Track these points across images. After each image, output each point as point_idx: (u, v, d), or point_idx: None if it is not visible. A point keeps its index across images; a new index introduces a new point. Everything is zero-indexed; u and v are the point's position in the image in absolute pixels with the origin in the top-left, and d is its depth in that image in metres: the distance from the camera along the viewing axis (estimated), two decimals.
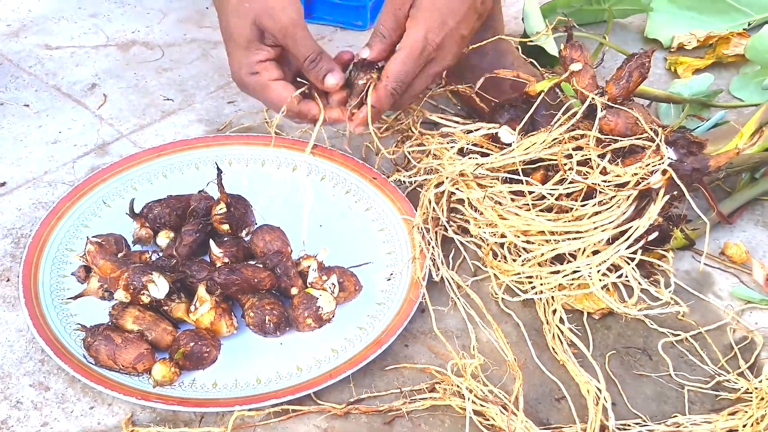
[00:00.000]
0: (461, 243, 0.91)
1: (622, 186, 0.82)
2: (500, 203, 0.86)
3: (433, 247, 0.89)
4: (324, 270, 0.84)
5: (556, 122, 0.87)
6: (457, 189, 0.88)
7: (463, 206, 0.89)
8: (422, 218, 0.90)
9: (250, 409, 0.75)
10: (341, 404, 0.77)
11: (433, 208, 0.90)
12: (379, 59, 0.90)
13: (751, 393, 0.78)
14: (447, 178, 0.89)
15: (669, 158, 0.82)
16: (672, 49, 1.27)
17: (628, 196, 0.82)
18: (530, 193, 0.85)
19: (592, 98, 0.85)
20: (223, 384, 0.78)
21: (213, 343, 0.79)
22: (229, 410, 0.74)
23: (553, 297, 0.85)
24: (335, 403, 0.77)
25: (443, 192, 0.90)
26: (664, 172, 0.81)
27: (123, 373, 0.77)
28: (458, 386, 0.77)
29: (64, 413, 0.76)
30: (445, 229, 0.91)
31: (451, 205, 0.91)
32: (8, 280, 0.88)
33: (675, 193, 0.82)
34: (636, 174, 0.81)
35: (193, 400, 0.75)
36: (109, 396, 0.77)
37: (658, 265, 0.88)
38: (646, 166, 0.81)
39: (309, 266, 0.84)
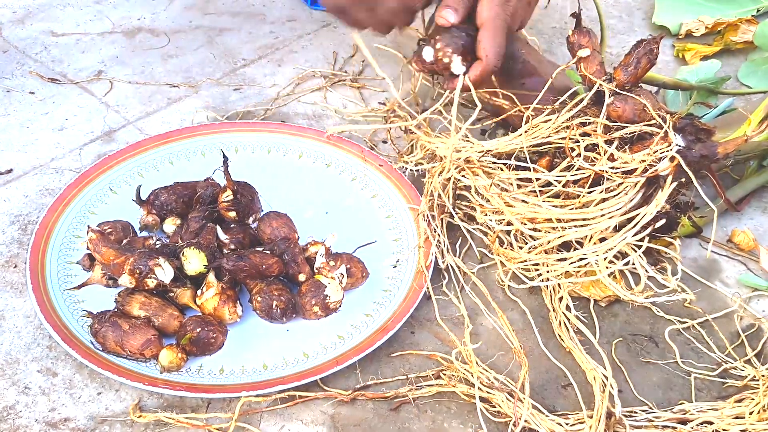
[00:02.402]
0: (467, 230, 0.91)
1: (629, 173, 0.82)
2: (506, 190, 0.86)
3: (438, 234, 0.89)
4: (331, 256, 0.84)
5: (564, 108, 0.86)
6: (462, 176, 0.88)
7: (469, 193, 0.89)
8: (428, 205, 0.90)
9: (257, 396, 0.75)
10: (348, 391, 0.77)
11: (439, 194, 0.90)
12: (461, 23, 0.90)
13: (758, 380, 0.78)
14: (453, 165, 0.88)
15: (677, 145, 0.82)
16: (680, 36, 1.26)
17: (636, 183, 0.81)
18: (537, 179, 0.85)
19: (600, 84, 0.85)
20: (230, 370, 0.78)
21: (220, 329, 0.79)
22: (236, 396, 0.75)
23: (559, 284, 0.85)
24: (342, 389, 0.77)
25: (449, 179, 0.89)
26: (672, 158, 0.81)
27: (130, 359, 0.77)
28: (464, 373, 0.77)
29: (72, 399, 0.76)
30: (451, 216, 0.91)
31: (457, 192, 0.91)
32: (15, 267, 0.88)
33: (683, 180, 0.82)
34: (644, 161, 0.81)
35: (200, 386, 0.75)
36: (116, 382, 0.77)
37: (665, 253, 0.87)
38: (654, 152, 0.81)
39: (317, 252, 0.84)
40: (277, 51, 1.21)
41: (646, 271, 0.82)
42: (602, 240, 0.82)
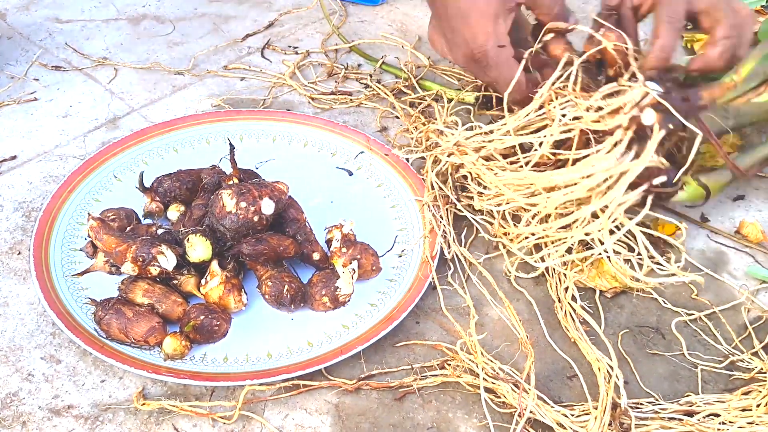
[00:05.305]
0: (473, 220, 0.90)
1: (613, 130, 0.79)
2: (493, 158, 0.85)
3: (444, 225, 0.88)
4: (347, 243, 0.83)
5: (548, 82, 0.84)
6: (453, 158, 0.87)
7: (467, 182, 0.89)
8: (431, 196, 0.90)
9: (261, 384, 0.75)
10: (352, 380, 0.77)
11: (439, 186, 0.90)
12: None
13: (765, 373, 0.77)
14: (445, 152, 0.88)
15: (654, 90, 0.79)
16: (688, 26, 1.25)
17: (623, 137, 0.78)
18: (522, 148, 0.84)
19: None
20: (234, 358, 0.77)
21: (224, 316, 0.79)
22: (240, 384, 0.74)
23: (565, 274, 0.84)
24: (346, 378, 0.77)
25: (447, 169, 0.89)
26: (653, 103, 0.78)
27: (134, 346, 0.77)
28: (469, 363, 0.76)
29: (75, 386, 0.76)
30: (456, 207, 0.91)
31: (460, 183, 0.91)
32: (19, 254, 0.88)
33: (670, 126, 0.78)
34: (621, 108, 0.78)
35: (204, 374, 0.75)
36: (120, 369, 0.77)
37: (670, 244, 0.86)
38: (630, 100, 0.78)
39: (333, 237, 0.84)
40: (282, 39, 1.21)
41: (647, 249, 0.79)
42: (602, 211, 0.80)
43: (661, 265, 0.84)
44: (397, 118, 1.05)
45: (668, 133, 0.78)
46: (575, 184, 0.80)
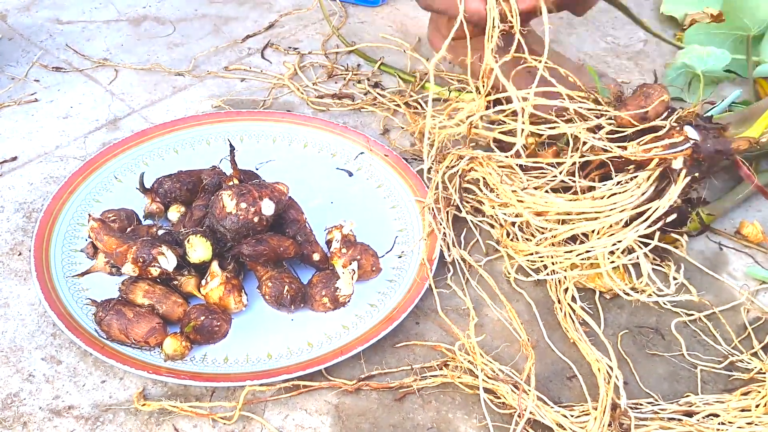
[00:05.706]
0: (473, 223, 0.90)
1: (643, 164, 0.81)
2: (516, 177, 0.85)
3: (444, 227, 0.88)
4: (347, 244, 0.84)
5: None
6: (472, 168, 0.87)
7: (477, 186, 0.89)
8: (433, 198, 0.90)
9: (261, 384, 0.75)
10: (352, 380, 0.77)
11: (445, 187, 0.90)
12: None
13: (765, 373, 0.77)
14: (457, 157, 0.88)
15: (692, 139, 0.81)
16: (685, 27, 1.25)
17: (649, 177, 0.80)
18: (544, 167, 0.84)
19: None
20: (234, 359, 0.78)
21: (224, 317, 0.79)
22: (240, 385, 0.75)
23: (565, 276, 0.84)
24: (346, 379, 0.77)
25: (456, 172, 0.89)
26: (689, 152, 0.80)
27: (135, 347, 0.77)
28: (468, 365, 0.77)
29: (76, 387, 0.76)
30: (457, 209, 0.91)
31: (464, 185, 0.91)
32: (20, 254, 0.88)
33: (696, 174, 0.81)
34: (658, 155, 0.80)
35: (205, 375, 0.75)
36: (120, 370, 0.77)
37: (671, 251, 0.86)
38: (670, 145, 0.80)
39: (333, 238, 0.84)
40: (283, 40, 1.21)
41: (649, 266, 0.81)
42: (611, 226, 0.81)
43: (663, 271, 0.84)
44: (403, 129, 1.06)
45: (691, 179, 0.81)
46: (595, 214, 0.81)
